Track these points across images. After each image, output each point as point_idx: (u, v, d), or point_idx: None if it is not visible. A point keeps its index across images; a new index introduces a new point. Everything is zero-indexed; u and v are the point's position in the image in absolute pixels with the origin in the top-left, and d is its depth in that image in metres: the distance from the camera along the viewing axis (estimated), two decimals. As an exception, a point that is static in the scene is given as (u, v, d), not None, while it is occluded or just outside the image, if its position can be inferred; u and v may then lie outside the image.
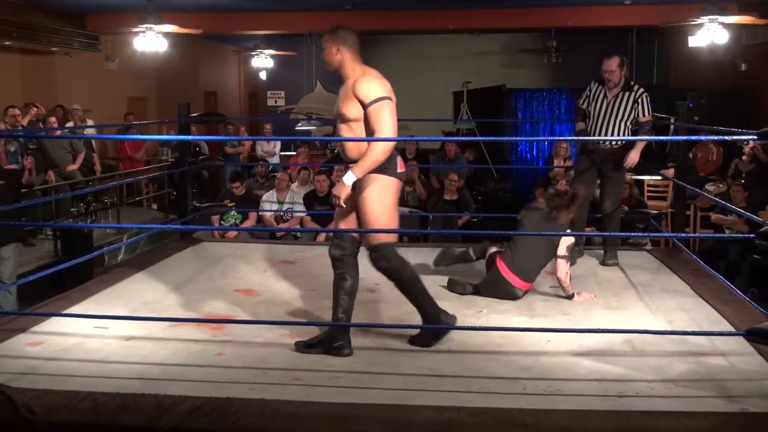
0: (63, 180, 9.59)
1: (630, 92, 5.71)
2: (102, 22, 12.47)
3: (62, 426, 3.07)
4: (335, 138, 4.24)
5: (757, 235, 3.39)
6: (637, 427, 2.95)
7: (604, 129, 5.71)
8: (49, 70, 12.58)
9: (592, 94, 5.79)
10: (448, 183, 8.84)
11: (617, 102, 5.69)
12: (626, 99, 5.68)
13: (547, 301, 4.89)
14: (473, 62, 17.97)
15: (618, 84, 5.68)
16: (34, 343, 3.99)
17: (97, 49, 13.02)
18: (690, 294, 4.97)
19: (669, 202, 9.70)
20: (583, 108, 5.87)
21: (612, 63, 5.63)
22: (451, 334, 4.09)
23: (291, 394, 3.28)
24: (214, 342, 4.03)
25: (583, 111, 5.86)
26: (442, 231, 8.54)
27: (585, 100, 5.86)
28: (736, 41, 11.67)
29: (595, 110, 5.76)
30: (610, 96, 5.72)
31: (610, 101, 5.71)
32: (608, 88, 5.71)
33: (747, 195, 8.77)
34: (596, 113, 5.76)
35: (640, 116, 5.70)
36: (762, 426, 2.97)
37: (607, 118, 5.71)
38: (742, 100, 13.49)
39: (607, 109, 5.70)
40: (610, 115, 5.70)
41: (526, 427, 2.96)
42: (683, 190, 6.54)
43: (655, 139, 6.98)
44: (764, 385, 3.41)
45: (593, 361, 3.72)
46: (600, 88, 5.77)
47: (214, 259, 6.01)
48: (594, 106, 5.77)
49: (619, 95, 5.70)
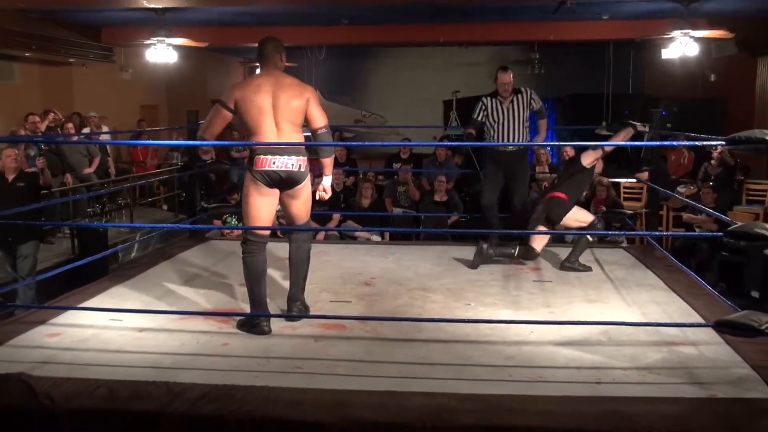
0: (80, 182, 9.57)
1: (520, 95, 5.93)
2: (116, 34, 12.44)
3: (79, 412, 3.06)
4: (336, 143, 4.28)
5: (725, 233, 3.40)
6: (613, 412, 2.96)
7: (509, 134, 5.89)
8: (66, 80, 12.57)
9: (489, 108, 5.93)
10: (437, 184, 8.85)
11: (514, 108, 5.90)
12: (520, 102, 5.92)
13: (531, 295, 4.90)
14: (462, 73, 17.96)
15: (510, 92, 5.91)
16: (52, 334, 3.98)
17: (112, 60, 12.99)
18: (663, 288, 4.98)
19: (643, 202, 9.73)
20: (479, 120, 5.98)
21: (508, 76, 5.92)
22: (442, 325, 4.10)
23: (292, 382, 3.27)
24: (221, 333, 4.02)
25: (477, 123, 5.98)
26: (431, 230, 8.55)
27: (481, 114, 5.96)
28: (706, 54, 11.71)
29: (498, 120, 5.92)
30: (506, 104, 5.91)
31: (508, 108, 5.90)
32: (503, 98, 5.91)
33: (716, 196, 8.80)
34: (499, 122, 5.92)
35: (534, 108, 5.98)
36: (729, 410, 2.98)
37: (510, 124, 5.90)
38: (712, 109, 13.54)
39: (508, 116, 5.89)
40: (512, 120, 5.91)
41: (512, 412, 2.97)
42: (657, 192, 6.56)
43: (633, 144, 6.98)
44: (732, 372, 3.42)
45: (573, 350, 3.72)
46: (494, 100, 5.94)
47: (221, 256, 6.00)
48: (495, 117, 5.92)
49: (514, 101, 5.92)
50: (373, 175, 10.20)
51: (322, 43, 15.11)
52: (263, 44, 4.24)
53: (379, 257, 6.01)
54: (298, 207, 4.26)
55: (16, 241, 6.70)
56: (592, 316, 4.34)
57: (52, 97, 11.84)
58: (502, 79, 5.93)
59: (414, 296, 4.81)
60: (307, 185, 4.22)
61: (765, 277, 7.55)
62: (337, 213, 8.35)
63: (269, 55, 4.19)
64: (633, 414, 2.94)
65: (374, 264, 5.77)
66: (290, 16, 11.66)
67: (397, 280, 5.23)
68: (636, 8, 10.51)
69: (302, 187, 4.18)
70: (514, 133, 5.93)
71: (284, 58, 4.27)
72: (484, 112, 5.96)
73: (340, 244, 6.81)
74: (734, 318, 3.37)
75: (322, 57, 16.42)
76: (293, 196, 4.19)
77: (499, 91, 5.96)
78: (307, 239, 4.37)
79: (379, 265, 5.75)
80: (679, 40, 10.00)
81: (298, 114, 4.09)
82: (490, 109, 5.95)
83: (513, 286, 5.12)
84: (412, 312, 4.47)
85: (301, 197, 4.22)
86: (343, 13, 11.44)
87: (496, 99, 5.95)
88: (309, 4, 10.36)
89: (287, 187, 4.14)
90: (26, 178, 6.96)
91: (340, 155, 10.80)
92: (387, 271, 5.55)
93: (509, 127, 5.93)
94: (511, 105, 5.93)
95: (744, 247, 3.35)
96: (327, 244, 6.77)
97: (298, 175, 4.10)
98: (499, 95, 5.95)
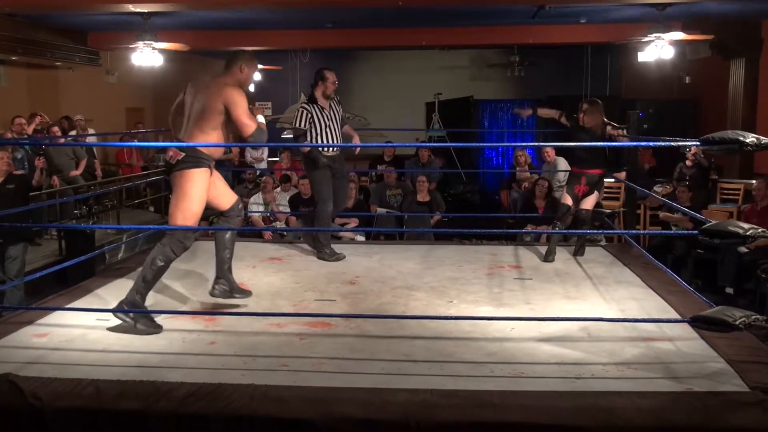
0: (67, 184, 9.49)
1: (333, 101, 5.98)
2: (102, 38, 12.34)
3: (67, 411, 3.04)
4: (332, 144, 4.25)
5: (701, 231, 3.42)
6: (593, 406, 2.97)
7: (332, 137, 5.90)
8: (52, 83, 12.46)
9: (314, 115, 5.87)
10: (419, 184, 8.86)
11: (332, 113, 5.94)
12: (335, 107, 5.97)
13: (512, 292, 4.91)
14: (443, 76, 18.00)
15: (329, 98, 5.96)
16: (39, 334, 3.95)
17: (98, 63, 12.89)
18: (640, 285, 5.01)
19: (621, 202, 9.79)
20: (303, 129, 5.88)
21: (334, 75, 5.96)
22: (425, 323, 4.11)
23: (278, 380, 3.26)
24: (207, 332, 4.01)
25: (304, 131, 5.89)
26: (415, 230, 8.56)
27: (306, 121, 5.87)
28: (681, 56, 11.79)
29: (321, 125, 5.88)
30: (327, 109, 5.92)
31: (328, 113, 5.91)
32: (321, 106, 5.90)
33: (691, 195, 8.87)
34: (323, 127, 5.88)
35: (343, 113, 6.12)
36: (705, 404, 3.00)
37: (331, 128, 5.91)
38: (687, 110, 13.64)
39: (329, 121, 5.90)
40: (333, 124, 5.92)
41: (494, 407, 2.97)
42: (634, 191, 6.61)
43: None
44: (707, 366, 3.44)
45: (553, 346, 3.74)
46: (314, 107, 5.90)
47: (207, 257, 5.95)
48: (319, 123, 5.87)
49: (331, 106, 5.94)
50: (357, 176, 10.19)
51: (306, 46, 15.10)
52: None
53: (363, 256, 6.01)
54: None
55: (5, 243, 6.63)
56: (572, 313, 4.37)
57: (38, 100, 11.74)
58: (331, 78, 5.92)
59: (398, 294, 4.81)
60: (178, 178, 4.12)
61: (738, 274, 7.63)
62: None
63: (228, 63, 4.29)
64: (612, 408, 2.95)
65: (358, 263, 5.77)
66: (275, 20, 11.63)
67: (381, 279, 5.23)
68: (613, 13, 10.57)
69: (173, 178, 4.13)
70: (337, 136, 5.95)
71: (244, 69, 4.28)
72: (309, 119, 5.87)
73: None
74: (709, 314, 3.40)
75: (306, 60, 16.41)
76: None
77: (328, 93, 5.93)
78: (167, 243, 4.09)
79: (363, 264, 5.75)
80: (654, 44, 10.06)
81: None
82: (315, 116, 5.88)
83: (494, 283, 5.13)
84: (396, 310, 4.48)
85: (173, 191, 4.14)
86: (327, 17, 11.42)
87: (316, 106, 5.90)
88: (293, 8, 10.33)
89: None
90: (15, 181, 6.89)
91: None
92: (371, 270, 5.54)
93: (332, 132, 5.92)
94: (330, 111, 5.95)
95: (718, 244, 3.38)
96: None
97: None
98: (319, 101, 5.94)
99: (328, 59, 17.66)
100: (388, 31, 12.64)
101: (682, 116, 13.42)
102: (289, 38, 13.03)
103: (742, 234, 3.27)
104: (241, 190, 10.26)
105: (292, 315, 4.25)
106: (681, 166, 10.42)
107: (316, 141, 5.85)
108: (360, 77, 18.84)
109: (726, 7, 9.82)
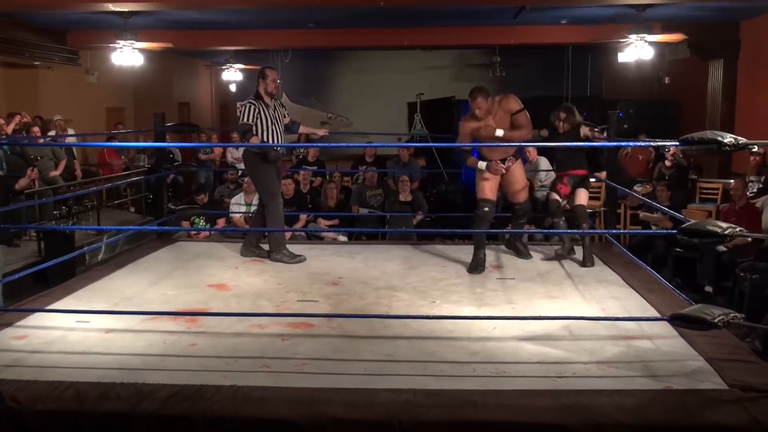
0: (46, 185, 9.40)
1: (277, 101, 5.97)
2: (81, 37, 12.24)
3: (47, 414, 3.01)
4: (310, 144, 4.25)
5: (680, 230, 3.45)
6: (574, 405, 2.98)
7: (277, 135, 5.87)
8: (31, 83, 12.31)
9: (260, 110, 5.80)
10: (401, 184, 8.86)
11: (277, 111, 5.91)
12: (279, 106, 5.96)
13: (494, 292, 4.93)
14: (425, 76, 18.03)
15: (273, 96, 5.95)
16: (18, 336, 3.91)
17: (77, 63, 12.77)
18: (621, 284, 5.05)
19: (602, 201, 9.85)
20: (250, 124, 5.80)
21: (275, 73, 5.97)
22: (407, 322, 4.12)
23: (260, 381, 3.25)
24: (189, 333, 3.98)
25: (250, 126, 5.80)
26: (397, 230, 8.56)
27: (253, 116, 5.79)
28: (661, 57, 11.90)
29: (267, 121, 5.82)
30: (272, 107, 5.88)
31: (273, 112, 5.88)
32: (266, 103, 5.84)
33: (670, 195, 8.96)
34: (269, 125, 5.83)
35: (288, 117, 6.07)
36: (684, 401, 3.02)
37: (277, 126, 5.88)
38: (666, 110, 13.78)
39: (274, 119, 5.86)
40: (278, 123, 5.89)
41: (476, 407, 2.98)
42: (614, 191, 6.65)
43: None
44: (686, 365, 3.47)
45: (535, 345, 3.76)
46: (260, 104, 5.83)
47: (189, 258, 5.94)
48: (265, 119, 5.81)
49: (274, 105, 5.91)
50: (338, 176, 10.18)
51: (289, 46, 15.07)
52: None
53: (346, 257, 6.00)
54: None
55: (-18, 245, 6.56)
56: (554, 312, 4.39)
57: (16, 100, 11.60)
58: (272, 76, 5.89)
59: (380, 295, 4.81)
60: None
61: (717, 272, 7.71)
62: (304, 214, 8.32)
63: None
64: (593, 406, 2.97)
65: (341, 264, 5.76)
66: (256, 20, 11.59)
67: (364, 280, 5.22)
68: (593, 13, 10.64)
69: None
70: (282, 135, 5.96)
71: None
72: (256, 115, 5.80)
73: (306, 245, 6.78)
74: (688, 312, 3.43)
75: (288, 60, 16.37)
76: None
77: (270, 90, 5.89)
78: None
79: (346, 264, 5.74)
80: (634, 44, 10.15)
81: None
82: (262, 112, 5.82)
83: (477, 284, 5.14)
84: (379, 310, 4.47)
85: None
86: (309, 17, 11.40)
87: (260, 103, 5.83)
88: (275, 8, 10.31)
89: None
90: (-7, 182, 6.82)
91: (312, 155, 10.79)
92: (354, 270, 5.54)
93: (278, 130, 5.91)
94: (275, 110, 5.91)
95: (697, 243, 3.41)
96: (294, 244, 6.74)
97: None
98: (264, 98, 5.90)
99: (310, 59, 17.68)
100: (370, 31, 12.64)
101: (662, 116, 13.55)
102: (271, 38, 13.01)
103: (721, 233, 3.30)
104: (223, 191, 10.21)
105: (274, 315, 4.24)
106: (660, 165, 10.52)
107: (262, 136, 5.78)
108: (342, 77, 18.82)
109: (704, 8, 9.93)
